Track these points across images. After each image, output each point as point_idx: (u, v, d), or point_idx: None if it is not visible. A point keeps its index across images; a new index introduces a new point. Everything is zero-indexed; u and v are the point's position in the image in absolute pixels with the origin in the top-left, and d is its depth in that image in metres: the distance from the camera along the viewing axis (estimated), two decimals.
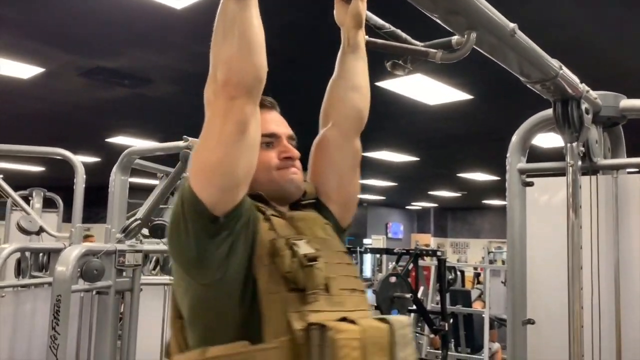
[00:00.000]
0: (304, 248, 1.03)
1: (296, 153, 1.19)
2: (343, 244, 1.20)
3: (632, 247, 1.76)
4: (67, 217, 6.07)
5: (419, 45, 1.22)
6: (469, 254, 15.97)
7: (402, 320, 1.05)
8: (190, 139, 2.90)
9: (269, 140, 1.17)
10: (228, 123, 0.98)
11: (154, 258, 4.70)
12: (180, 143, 2.92)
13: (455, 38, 1.19)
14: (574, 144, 1.61)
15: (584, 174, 1.78)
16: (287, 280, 1.00)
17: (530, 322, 1.89)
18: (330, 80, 1.29)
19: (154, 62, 4.42)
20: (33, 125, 6.97)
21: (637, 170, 1.85)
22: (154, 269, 4.83)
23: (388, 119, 6.19)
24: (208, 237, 0.99)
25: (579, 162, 1.63)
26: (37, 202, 5.36)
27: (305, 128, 1.31)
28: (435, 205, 17.14)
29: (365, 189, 13.08)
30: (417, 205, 17.63)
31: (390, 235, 17.64)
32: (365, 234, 16.63)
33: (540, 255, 1.89)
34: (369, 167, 9.68)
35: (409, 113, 5.80)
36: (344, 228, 1.27)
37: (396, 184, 11.99)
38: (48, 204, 5.60)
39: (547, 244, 1.83)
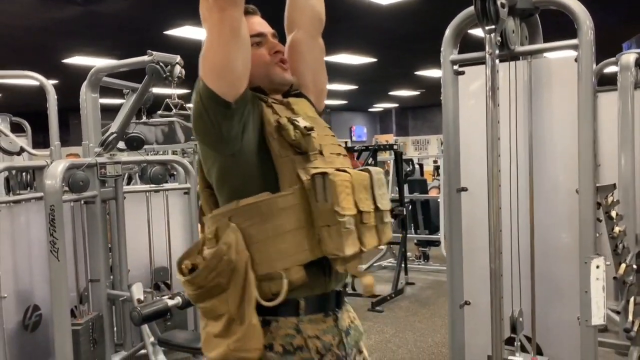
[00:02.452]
0: (302, 122, 1.36)
1: (282, 47, 1.49)
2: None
3: (543, 118, 2.11)
4: (34, 141, 6.19)
5: None
6: (430, 149, 16.59)
7: (378, 170, 1.44)
8: (154, 52, 3.06)
9: (258, 39, 1.46)
10: (224, 29, 1.27)
11: (127, 175, 4.95)
12: (145, 58, 3.07)
13: None
14: (492, 35, 1.89)
15: (504, 60, 2.08)
16: (292, 146, 1.33)
17: (464, 189, 2.27)
18: None
19: None
20: None
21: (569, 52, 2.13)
22: (129, 183, 5.09)
23: (343, 21, 6.30)
24: (224, 118, 1.29)
25: (497, 51, 1.92)
26: (4, 127, 5.44)
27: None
28: (396, 105, 17.47)
29: (327, 94, 13.22)
30: (379, 107, 17.93)
31: (354, 138, 18.06)
32: None
33: (471, 133, 2.23)
34: (329, 71, 9.74)
35: (363, 14, 5.93)
36: (320, 112, 1.61)
37: (357, 87, 12.18)
38: (13, 129, 5.68)
39: (476, 123, 2.15)
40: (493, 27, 1.86)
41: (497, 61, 1.93)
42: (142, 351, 3.34)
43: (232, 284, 1.30)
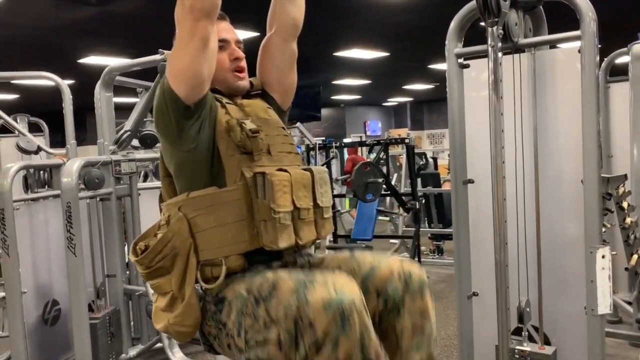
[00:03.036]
0: (249, 125, 1.47)
1: (241, 54, 1.60)
2: (284, 122, 1.66)
3: (547, 110, 2.11)
4: (52, 141, 6.30)
5: None
6: (445, 144, 16.51)
7: (320, 169, 1.56)
8: (165, 52, 3.11)
9: (221, 44, 1.55)
10: (194, 39, 1.36)
11: (142, 172, 5.03)
12: (157, 56, 3.13)
13: None
14: (494, 28, 1.90)
15: (508, 53, 2.10)
16: (238, 147, 1.45)
17: (470, 181, 2.29)
18: None
19: None
20: (4, 51, 6.98)
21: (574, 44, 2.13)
22: (145, 180, 5.16)
23: (354, 16, 6.31)
24: (183, 118, 1.42)
25: (499, 43, 1.94)
26: (22, 127, 5.55)
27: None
28: (411, 99, 17.40)
29: (341, 89, 13.23)
30: (394, 101, 17.87)
31: (369, 133, 18.03)
32: (344, 134, 16.97)
33: (477, 126, 2.24)
34: (342, 66, 9.82)
35: (373, 8, 5.93)
36: (285, 110, 1.72)
37: (370, 81, 12.16)
38: (32, 129, 5.79)
39: (482, 115, 2.16)
40: (495, 20, 1.88)
41: (500, 54, 1.94)
42: (158, 345, 3.42)
43: (175, 267, 1.43)
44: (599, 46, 1.95)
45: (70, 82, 8.79)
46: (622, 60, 3.74)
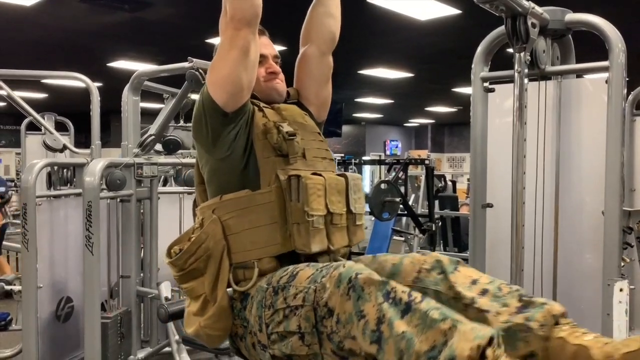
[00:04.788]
0: (286, 128, 1.48)
1: (277, 69, 1.62)
2: (319, 129, 1.65)
3: (571, 138, 2.11)
4: (76, 141, 6.40)
5: None
6: (465, 168, 16.42)
7: (355, 176, 1.55)
8: (194, 60, 3.16)
9: (259, 59, 1.55)
10: (234, 48, 1.39)
11: (162, 177, 5.09)
12: (185, 64, 3.18)
13: None
14: (522, 54, 1.91)
15: (534, 79, 2.10)
16: (275, 149, 1.46)
17: (489, 205, 2.28)
18: (311, 7, 1.68)
19: None
20: (36, 51, 7.15)
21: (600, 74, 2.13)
22: (164, 184, 5.22)
23: (381, 36, 6.35)
24: (221, 126, 1.44)
25: (526, 70, 1.94)
26: (49, 125, 5.65)
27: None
28: (432, 121, 17.38)
29: (363, 107, 13.28)
30: (415, 122, 17.86)
31: (388, 152, 18.03)
32: (364, 152, 16.99)
33: (499, 151, 2.24)
34: (365, 85, 9.86)
35: (400, 29, 5.96)
36: (320, 122, 1.73)
37: (393, 101, 12.19)
38: (57, 128, 5.90)
39: (504, 140, 2.16)
40: (523, 46, 1.89)
41: (526, 80, 1.94)
42: (167, 349, 3.43)
43: (208, 269, 1.43)
44: (627, 79, 1.95)
45: (98, 84, 8.88)
46: None
